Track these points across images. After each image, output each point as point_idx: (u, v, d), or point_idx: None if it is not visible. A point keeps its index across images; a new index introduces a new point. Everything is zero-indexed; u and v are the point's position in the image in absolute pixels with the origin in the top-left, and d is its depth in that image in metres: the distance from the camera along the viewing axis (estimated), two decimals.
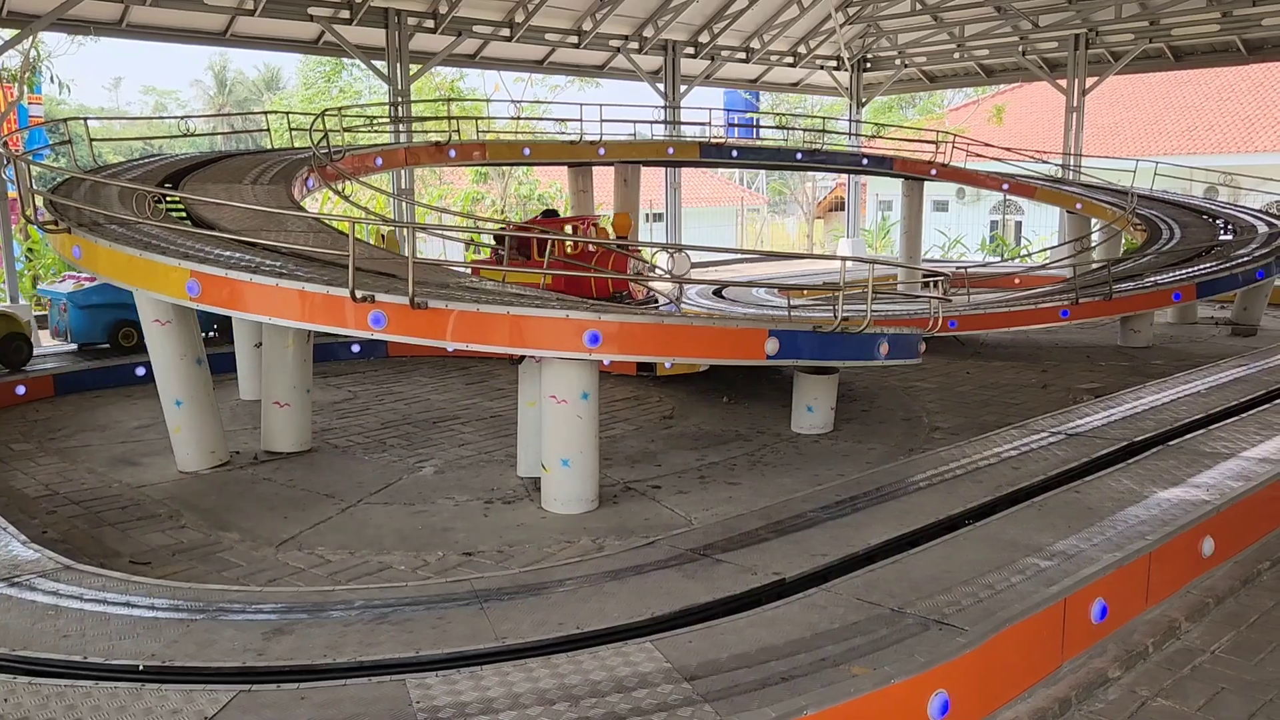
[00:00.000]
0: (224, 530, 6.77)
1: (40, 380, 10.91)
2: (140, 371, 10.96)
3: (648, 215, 27.06)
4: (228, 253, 7.60)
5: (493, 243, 13.65)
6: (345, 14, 17.68)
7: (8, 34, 15.06)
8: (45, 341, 14.74)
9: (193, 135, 15.04)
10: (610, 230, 13.85)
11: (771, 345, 7.34)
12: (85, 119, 11.39)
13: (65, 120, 11.78)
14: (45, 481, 7.87)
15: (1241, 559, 5.71)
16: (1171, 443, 7.22)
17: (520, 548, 6.43)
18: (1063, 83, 23.44)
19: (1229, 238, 16.11)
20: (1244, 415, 8.05)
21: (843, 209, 26.69)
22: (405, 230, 7.15)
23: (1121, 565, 4.85)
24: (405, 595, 4.89)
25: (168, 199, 9.45)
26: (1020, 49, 24.32)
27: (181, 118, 15.49)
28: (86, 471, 8.18)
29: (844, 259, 7.80)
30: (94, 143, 12.36)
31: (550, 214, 13.48)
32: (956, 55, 25.80)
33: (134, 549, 6.43)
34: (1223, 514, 5.62)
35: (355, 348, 12.95)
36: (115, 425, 9.72)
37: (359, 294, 6.52)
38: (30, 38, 16.59)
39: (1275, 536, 6.05)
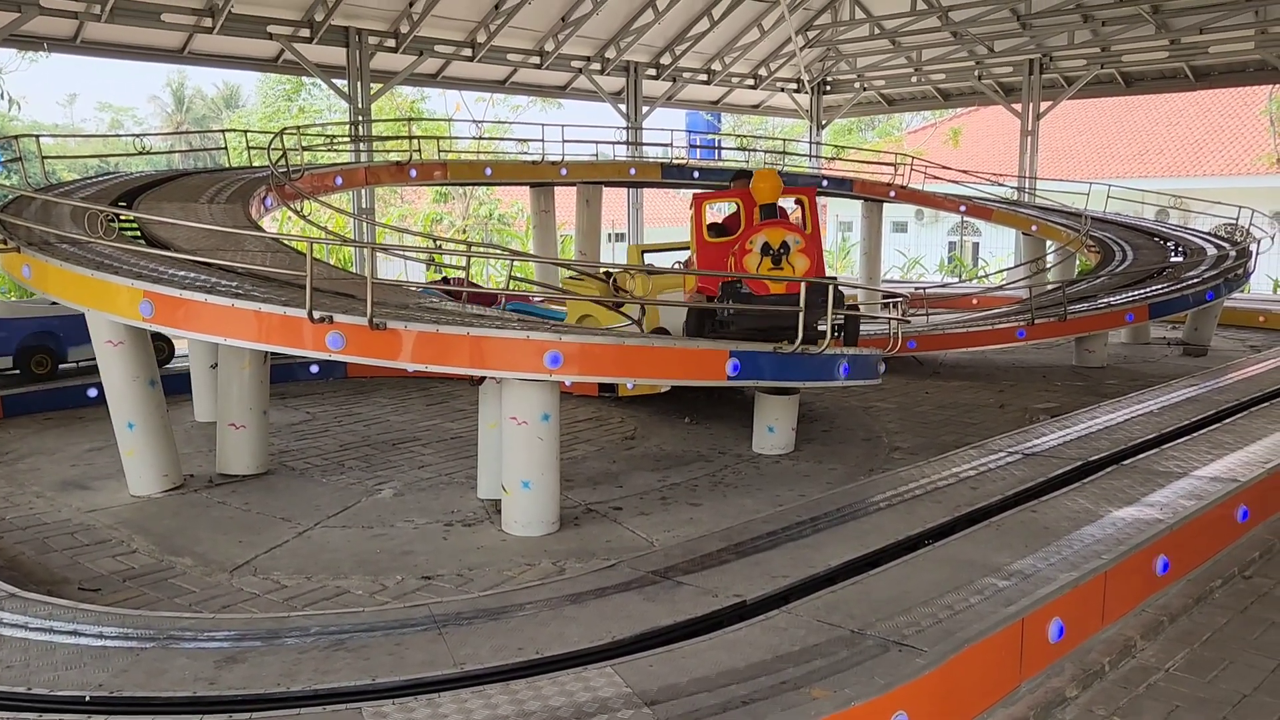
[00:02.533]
0: (176, 555, 6.63)
1: None
2: (92, 393, 10.74)
3: (610, 235, 27.10)
4: (183, 273, 7.49)
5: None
6: (305, 32, 17.60)
7: None
8: None
9: (149, 154, 14.83)
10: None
11: (732, 366, 7.36)
12: (37, 136, 11.20)
13: (16, 137, 11.57)
14: None
15: (1194, 577, 5.79)
16: (1125, 462, 7.33)
17: (480, 571, 6.36)
18: (1017, 107, 23.91)
19: (1179, 260, 16.46)
20: (1195, 435, 8.20)
21: None
22: (365, 250, 7.07)
23: (1078, 585, 4.90)
24: (362, 621, 4.81)
25: (122, 218, 9.30)
26: (976, 74, 24.77)
27: (138, 135, 15.28)
28: (35, 496, 7.99)
29: (803, 280, 7.85)
30: (48, 160, 12.16)
31: (742, 176, 10.29)
32: (914, 79, 26.22)
33: (83, 575, 6.28)
34: (1176, 533, 5.70)
35: (314, 368, 12.80)
36: (66, 448, 9.52)
37: (316, 315, 6.45)
38: None
39: (1227, 555, 6.15)
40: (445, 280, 12.33)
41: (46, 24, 15.34)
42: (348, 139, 18.30)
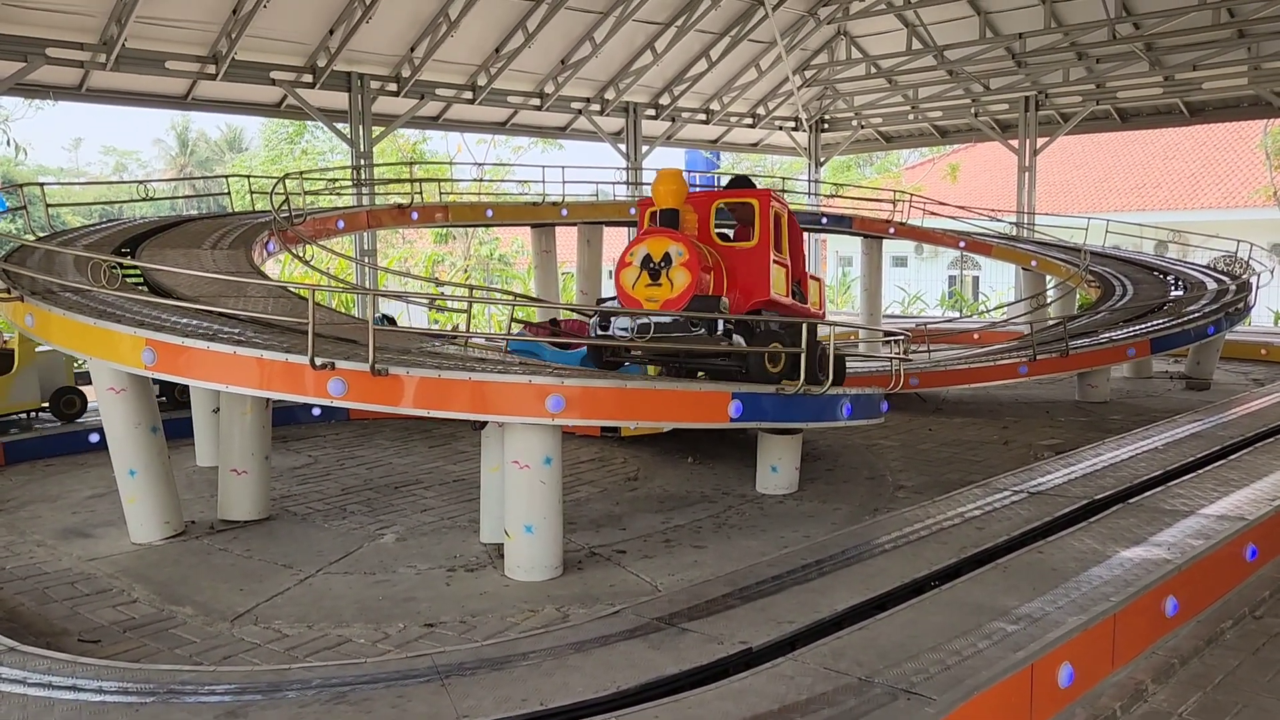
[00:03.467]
0: (177, 605, 6.58)
1: None
2: (94, 439, 10.73)
3: (611, 274, 27.22)
4: (185, 320, 7.50)
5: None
6: (308, 78, 17.79)
7: None
8: None
9: (153, 199, 14.92)
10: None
11: (734, 408, 7.34)
12: (42, 184, 11.29)
13: (21, 185, 11.65)
14: None
15: (1204, 618, 5.73)
16: (1131, 500, 7.29)
17: (483, 618, 6.31)
18: (1014, 143, 24.08)
19: (1180, 294, 16.49)
20: (1201, 471, 8.16)
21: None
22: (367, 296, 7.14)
23: (1087, 628, 4.85)
24: (364, 672, 4.76)
25: (125, 264, 9.35)
26: (973, 110, 24.98)
27: (140, 182, 15.41)
28: (35, 545, 7.95)
29: (805, 321, 7.86)
30: (53, 207, 12.23)
31: (741, 182, 9.38)
32: (911, 117, 26.43)
33: (83, 626, 6.23)
34: (1184, 573, 5.65)
35: (316, 411, 12.78)
36: (67, 495, 9.48)
37: (318, 361, 6.45)
38: None
39: (1236, 595, 6.10)
40: (554, 323, 12.39)
41: (52, 73, 15.51)
42: (350, 182, 18.42)
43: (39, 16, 14.54)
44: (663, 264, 7.66)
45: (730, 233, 9.06)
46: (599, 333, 8.23)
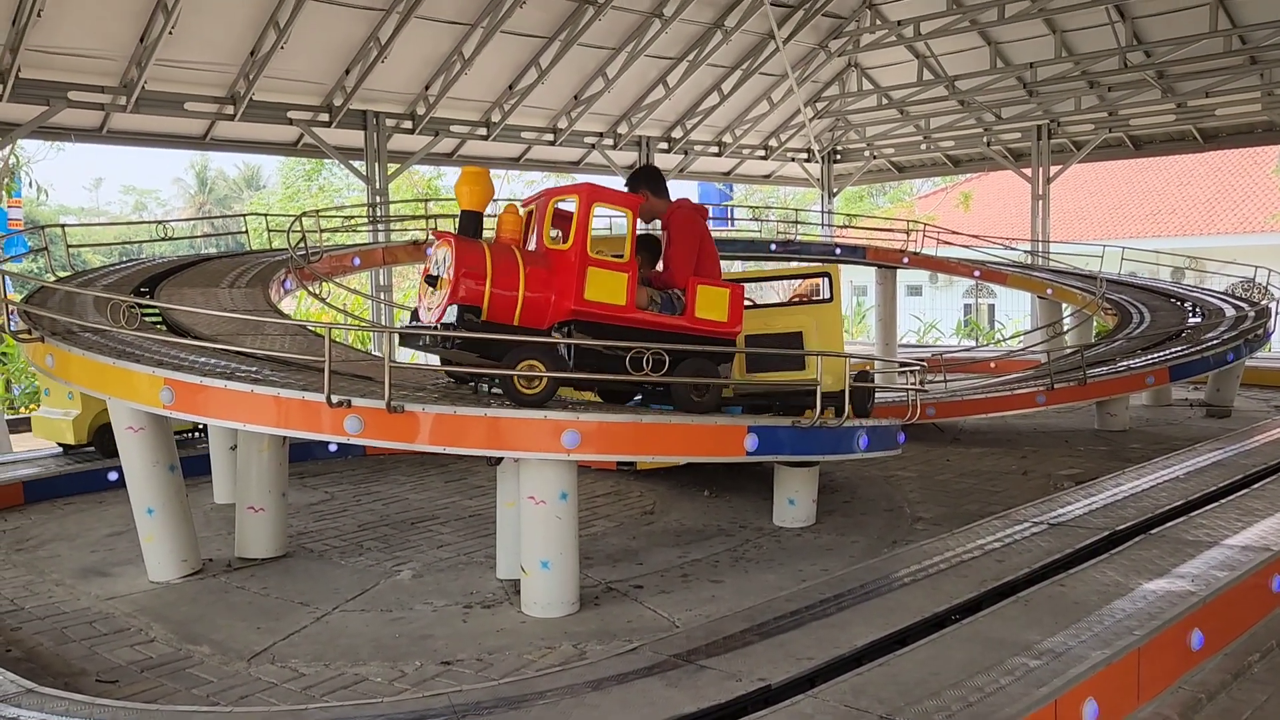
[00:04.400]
0: (194, 644, 6.57)
1: (9, 488, 10.70)
2: (113, 476, 10.78)
3: None
4: (203, 359, 7.56)
5: None
6: (324, 117, 18.04)
7: None
8: (16, 446, 14.57)
9: (172, 238, 15.13)
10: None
11: (751, 441, 7.32)
12: (63, 225, 11.45)
13: (43, 226, 11.82)
14: (10, 596, 7.65)
15: (1231, 651, 5.65)
16: (1153, 531, 7.20)
17: (500, 655, 6.27)
18: (1027, 171, 24.11)
19: (1198, 320, 16.39)
20: (1224, 501, 8.06)
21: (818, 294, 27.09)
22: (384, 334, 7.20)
23: (1111, 662, 4.78)
24: (380, 712, 4.74)
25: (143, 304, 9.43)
26: (985, 140, 25.05)
27: (160, 222, 15.57)
28: (54, 584, 7.97)
29: (817, 354, 7.85)
30: (74, 247, 12.41)
31: (640, 175, 8.43)
32: (924, 147, 26.53)
33: (101, 666, 6.23)
34: (1209, 605, 5.57)
35: (332, 446, 12.81)
36: (86, 533, 9.52)
37: (335, 399, 6.48)
38: (9, 146, 16.78)
39: (1263, 627, 6.01)
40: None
41: (74, 116, 15.79)
42: (366, 219, 18.60)
43: (61, 61, 14.83)
44: (441, 272, 7.05)
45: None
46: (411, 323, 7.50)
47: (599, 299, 7.26)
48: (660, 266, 8.20)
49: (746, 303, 8.82)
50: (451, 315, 6.89)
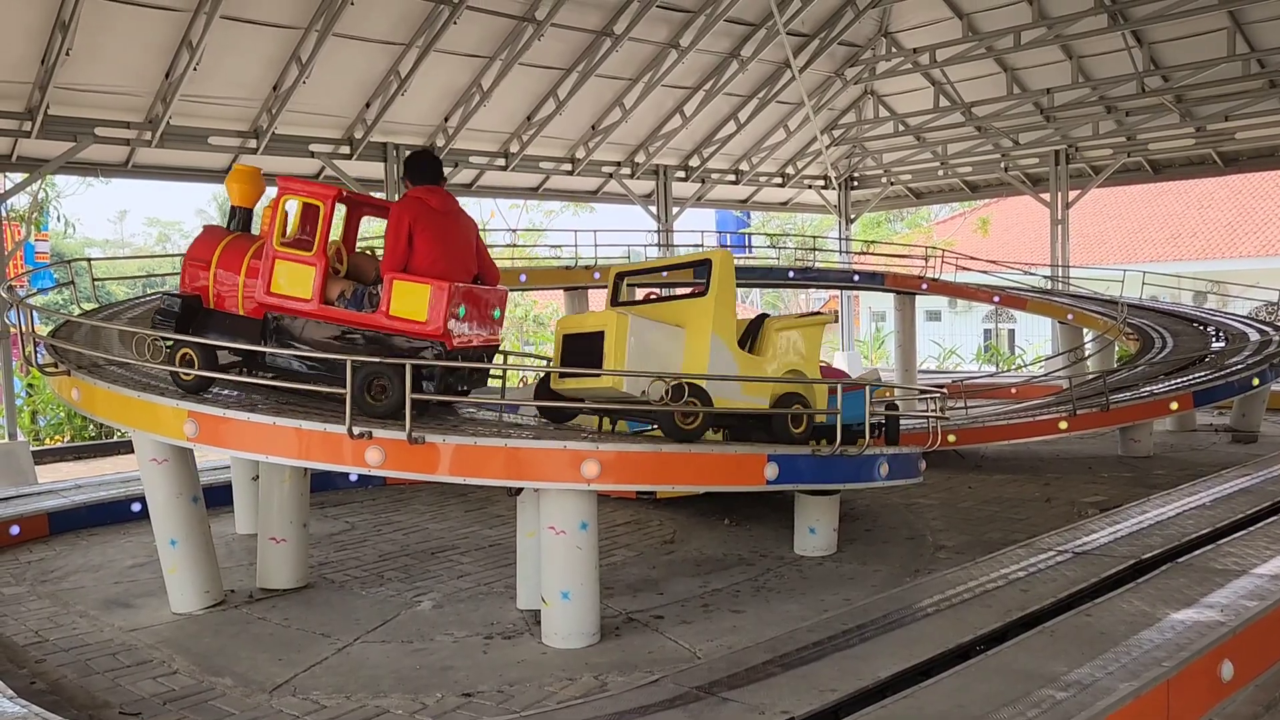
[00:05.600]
0: (217, 675, 6.59)
1: (34, 520, 10.78)
2: (136, 508, 10.86)
3: None
4: (226, 391, 7.62)
5: None
6: (345, 149, 18.24)
7: (18, 177, 15.49)
8: (42, 477, 14.70)
9: None
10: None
11: (771, 470, 7.30)
12: (89, 259, 11.62)
13: (70, 261, 11.99)
14: (35, 628, 7.70)
15: (1262, 683, 5.56)
16: (1180, 560, 7.11)
17: (521, 687, 6.25)
18: (1046, 196, 24.04)
19: (1221, 345, 16.26)
20: (1252, 529, 7.96)
21: (837, 321, 27.11)
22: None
23: (1139, 695, 4.71)
24: None
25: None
26: (1002, 165, 25.03)
27: (179, 255, 15.78)
28: (79, 616, 8.01)
29: (839, 384, 7.84)
30: (99, 280, 12.57)
31: (411, 162, 7.99)
32: (941, 173, 26.53)
33: (124, 698, 6.25)
34: (1239, 635, 5.49)
35: (353, 476, 12.85)
36: (110, 565, 9.57)
37: (356, 430, 6.52)
38: (39, 181, 17.06)
39: None
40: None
41: (100, 151, 16.04)
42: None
43: (89, 98, 15.09)
44: None
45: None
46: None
47: (285, 292, 7.26)
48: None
49: (652, 296, 9.02)
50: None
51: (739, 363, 7.72)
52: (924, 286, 21.38)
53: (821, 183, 27.42)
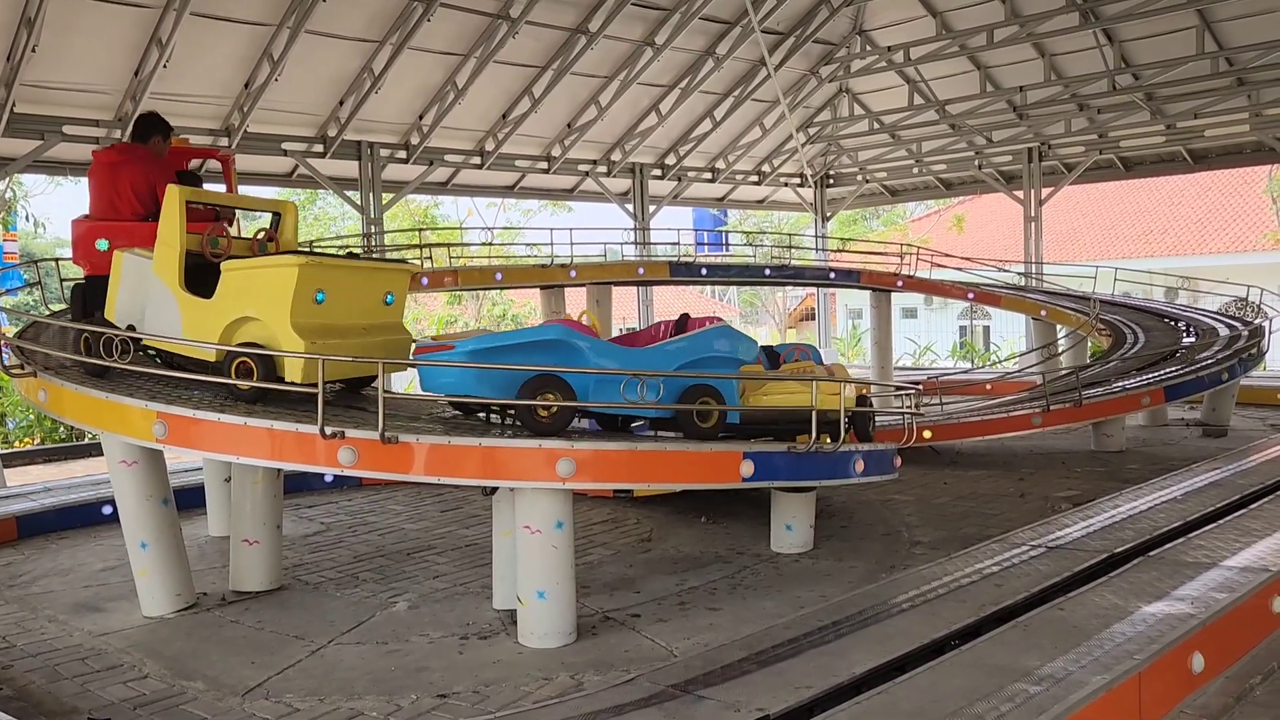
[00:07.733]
0: (188, 679, 6.51)
1: (3, 523, 10.62)
2: (107, 510, 10.71)
3: (622, 330, 27.34)
4: (196, 392, 7.53)
5: None
6: (319, 148, 18.11)
7: None
8: (11, 480, 14.50)
9: None
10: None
11: (747, 467, 7.30)
12: (57, 260, 11.43)
13: (37, 261, 11.81)
14: (2, 633, 7.58)
15: (1232, 674, 5.61)
16: (1152, 553, 7.18)
17: (497, 687, 6.22)
18: (1019, 193, 24.23)
19: (1192, 340, 16.43)
20: (1222, 522, 8.05)
21: (814, 318, 27.22)
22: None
23: (1111, 688, 4.74)
24: None
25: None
26: (976, 163, 25.18)
27: None
28: (47, 620, 7.90)
29: (814, 380, 7.84)
30: (68, 281, 12.35)
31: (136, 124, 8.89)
32: (916, 170, 26.67)
33: (93, 704, 6.16)
34: (1210, 627, 5.54)
35: (328, 477, 12.75)
36: (79, 568, 9.45)
37: (328, 430, 6.46)
38: (5, 180, 16.82)
39: (1264, 649, 5.97)
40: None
41: (69, 150, 15.81)
42: (361, 249, 18.63)
43: (56, 96, 14.89)
44: None
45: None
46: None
47: None
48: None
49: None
50: None
51: (181, 305, 7.42)
52: (899, 284, 21.46)
53: (797, 180, 27.50)
